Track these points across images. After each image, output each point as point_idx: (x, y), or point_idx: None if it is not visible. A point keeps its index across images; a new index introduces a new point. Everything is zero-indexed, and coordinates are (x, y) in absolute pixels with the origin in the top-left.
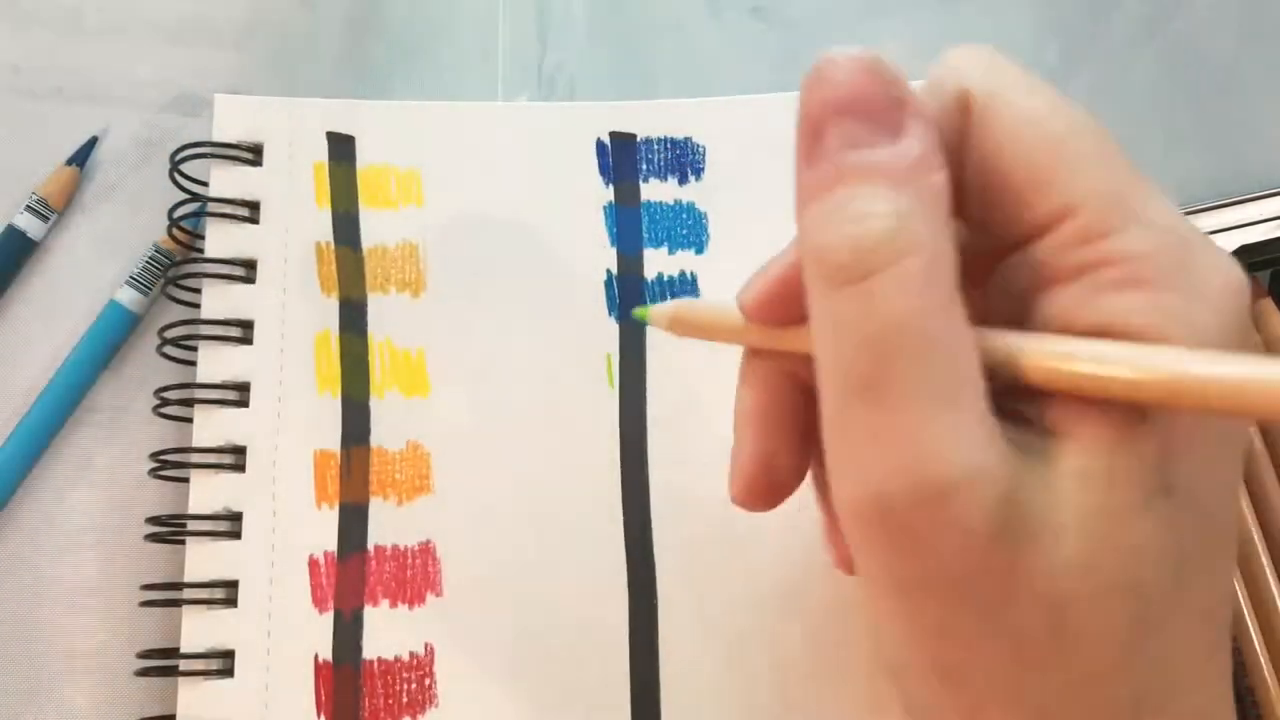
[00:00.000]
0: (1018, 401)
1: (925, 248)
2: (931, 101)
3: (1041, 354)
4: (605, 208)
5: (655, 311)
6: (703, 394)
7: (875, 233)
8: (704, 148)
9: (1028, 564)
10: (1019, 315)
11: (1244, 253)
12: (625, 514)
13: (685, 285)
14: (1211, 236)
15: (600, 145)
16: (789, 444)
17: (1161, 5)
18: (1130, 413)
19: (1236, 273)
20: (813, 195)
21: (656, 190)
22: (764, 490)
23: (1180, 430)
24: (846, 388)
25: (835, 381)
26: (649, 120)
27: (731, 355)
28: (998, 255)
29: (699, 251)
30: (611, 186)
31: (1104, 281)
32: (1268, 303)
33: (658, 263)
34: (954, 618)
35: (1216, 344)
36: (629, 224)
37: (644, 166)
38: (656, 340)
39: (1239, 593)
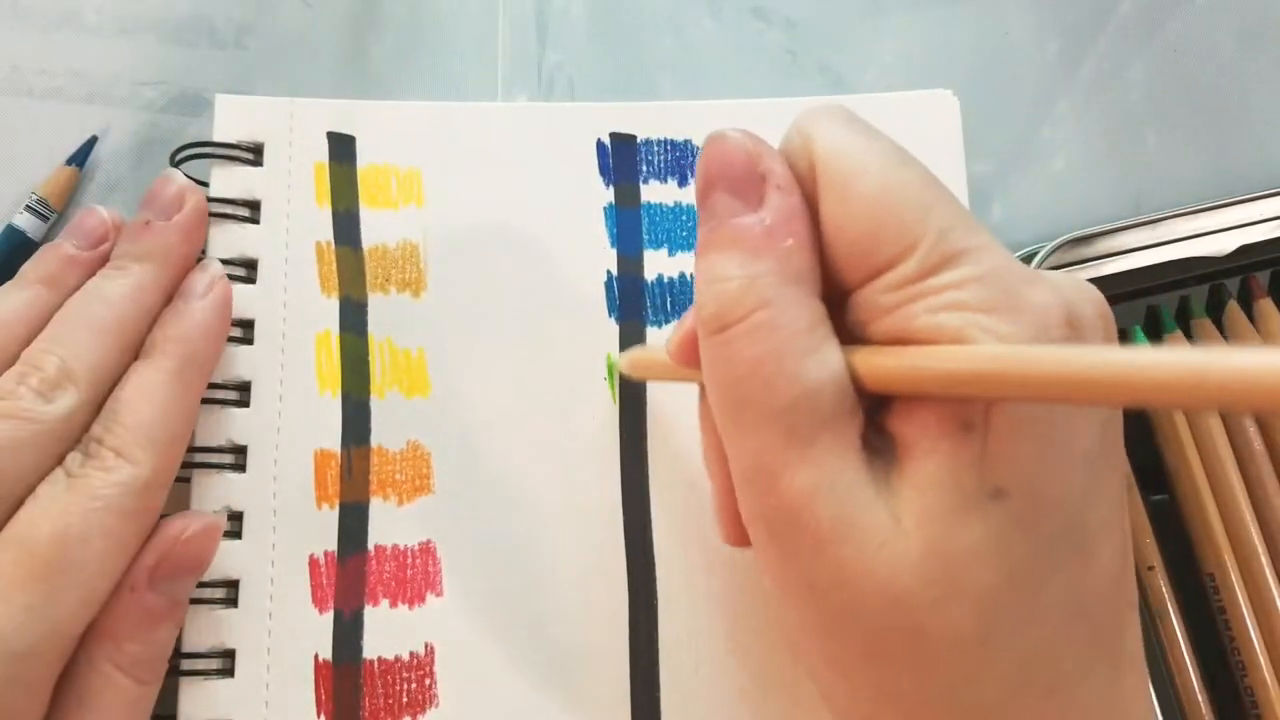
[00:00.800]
0: (885, 420)
1: (772, 303)
2: (791, 164)
3: (870, 361)
4: (605, 209)
5: (621, 360)
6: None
7: (729, 293)
8: None
9: (871, 562)
10: (868, 339)
11: (1244, 253)
12: (625, 514)
13: (685, 287)
14: (1212, 236)
15: (600, 146)
16: None
17: (1160, 5)
18: (956, 420)
19: (1054, 300)
20: (699, 252)
21: (657, 192)
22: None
23: (1004, 433)
24: (722, 416)
25: (716, 411)
26: (649, 122)
27: None
28: (847, 291)
29: None
30: (612, 188)
31: (931, 307)
32: (1267, 303)
33: (658, 264)
34: (825, 617)
35: None
36: (629, 225)
37: (644, 168)
38: (656, 341)
39: (1238, 593)
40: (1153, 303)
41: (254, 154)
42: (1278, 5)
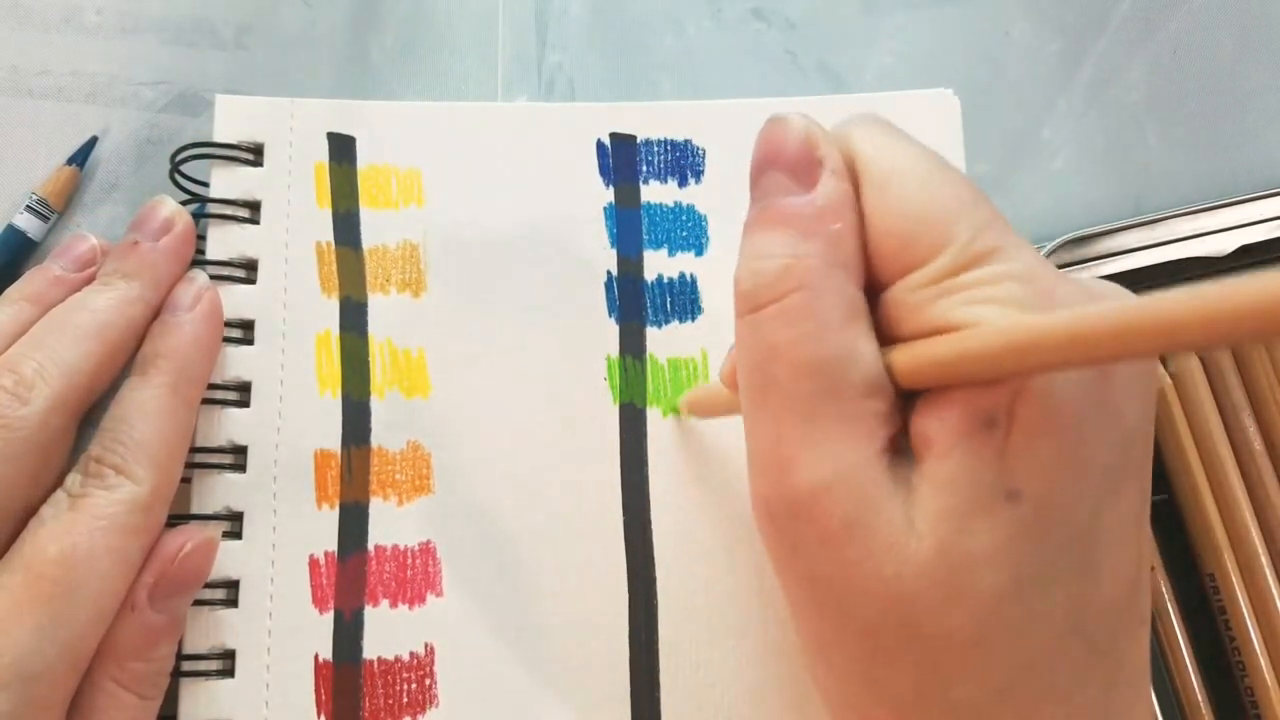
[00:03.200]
0: (910, 418)
1: (812, 286)
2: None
3: (904, 355)
4: (605, 209)
5: (681, 403)
6: None
7: (770, 271)
8: (704, 150)
9: (877, 564)
10: (902, 334)
11: (1244, 253)
12: (625, 514)
13: (685, 287)
14: (1212, 236)
15: (601, 146)
16: None
17: (1160, 5)
18: (980, 417)
19: (1084, 298)
20: (745, 230)
21: (656, 192)
22: None
23: (1026, 432)
24: (745, 398)
25: (741, 391)
26: (649, 122)
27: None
28: (882, 286)
29: (699, 254)
30: (612, 188)
31: (964, 300)
32: None
33: (658, 264)
34: (823, 610)
35: None
36: (629, 225)
37: (644, 168)
38: (656, 340)
39: (1238, 593)
40: None
41: (254, 154)
42: (1278, 5)
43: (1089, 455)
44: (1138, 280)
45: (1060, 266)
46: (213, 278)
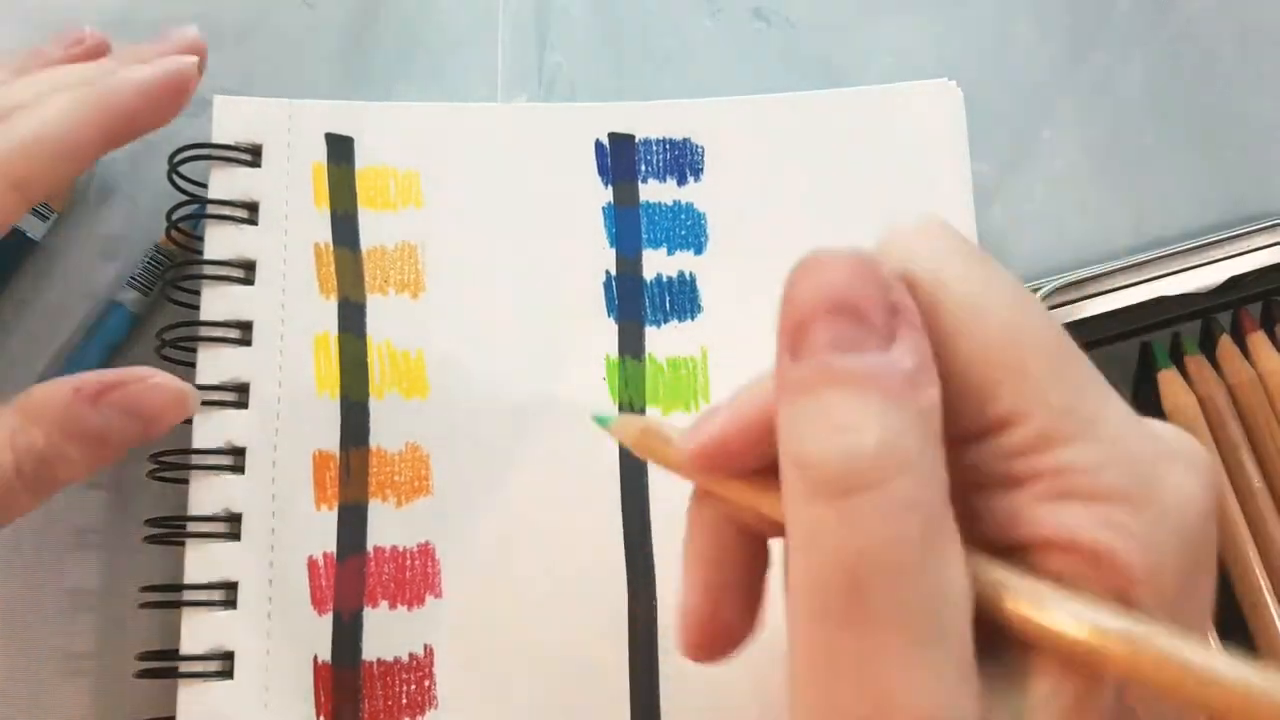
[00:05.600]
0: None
1: (915, 469)
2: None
3: (1022, 597)
4: (604, 208)
5: (623, 422)
6: None
7: (865, 448)
8: (703, 148)
9: None
10: (961, 509)
11: (1233, 285)
12: (625, 514)
13: (684, 286)
14: (1205, 268)
15: (599, 146)
16: (736, 595)
17: (1160, 5)
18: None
19: (1197, 488)
20: (798, 392)
21: (655, 191)
22: (711, 641)
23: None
24: (818, 609)
25: (807, 600)
26: (648, 120)
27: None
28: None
29: (698, 252)
30: (610, 187)
31: (1052, 491)
32: (1259, 336)
33: (656, 263)
34: None
35: (1172, 566)
36: (628, 224)
37: (643, 167)
38: (655, 340)
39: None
40: (1145, 340)
41: (252, 155)
42: (1278, 5)
43: None
44: (1130, 319)
45: (1054, 308)
46: (211, 279)
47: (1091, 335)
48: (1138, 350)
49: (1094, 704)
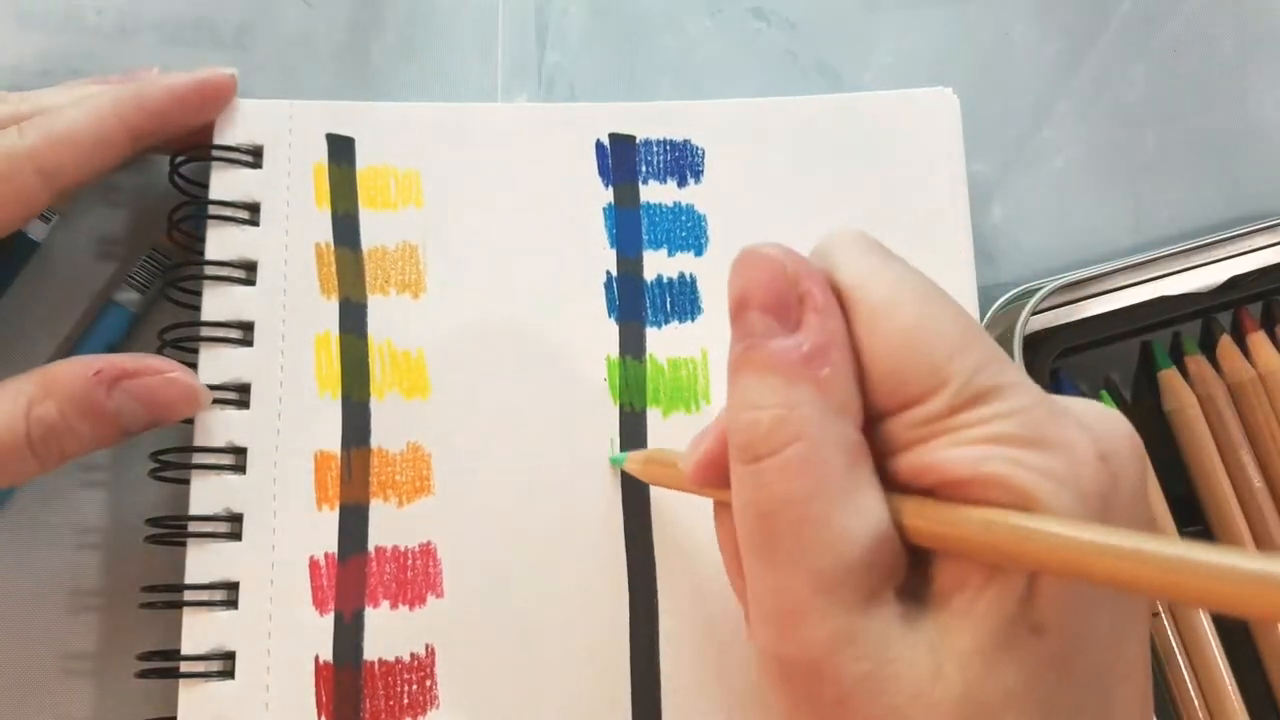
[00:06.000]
0: (917, 562)
1: (809, 437)
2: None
3: (921, 517)
4: (605, 209)
5: (631, 459)
6: None
7: (765, 423)
8: (703, 150)
9: (897, 709)
10: (894, 469)
11: (1233, 285)
12: (625, 514)
13: (685, 287)
14: (1206, 268)
15: (600, 146)
16: None
17: (1160, 5)
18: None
19: (1087, 439)
20: (731, 372)
21: (656, 192)
22: None
23: (1048, 577)
24: (748, 548)
25: (742, 540)
26: (648, 122)
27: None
28: (873, 419)
29: (698, 254)
30: (611, 188)
31: (958, 441)
32: (1259, 336)
33: (657, 264)
34: None
35: (1074, 500)
36: (628, 226)
37: (643, 168)
38: (656, 341)
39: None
40: (1146, 340)
41: (253, 156)
42: (1278, 5)
43: (1120, 600)
44: (1130, 319)
45: (1054, 308)
46: (212, 279)
47: (1091, 335)
48: (1138, 350)
49: (1003, 611)
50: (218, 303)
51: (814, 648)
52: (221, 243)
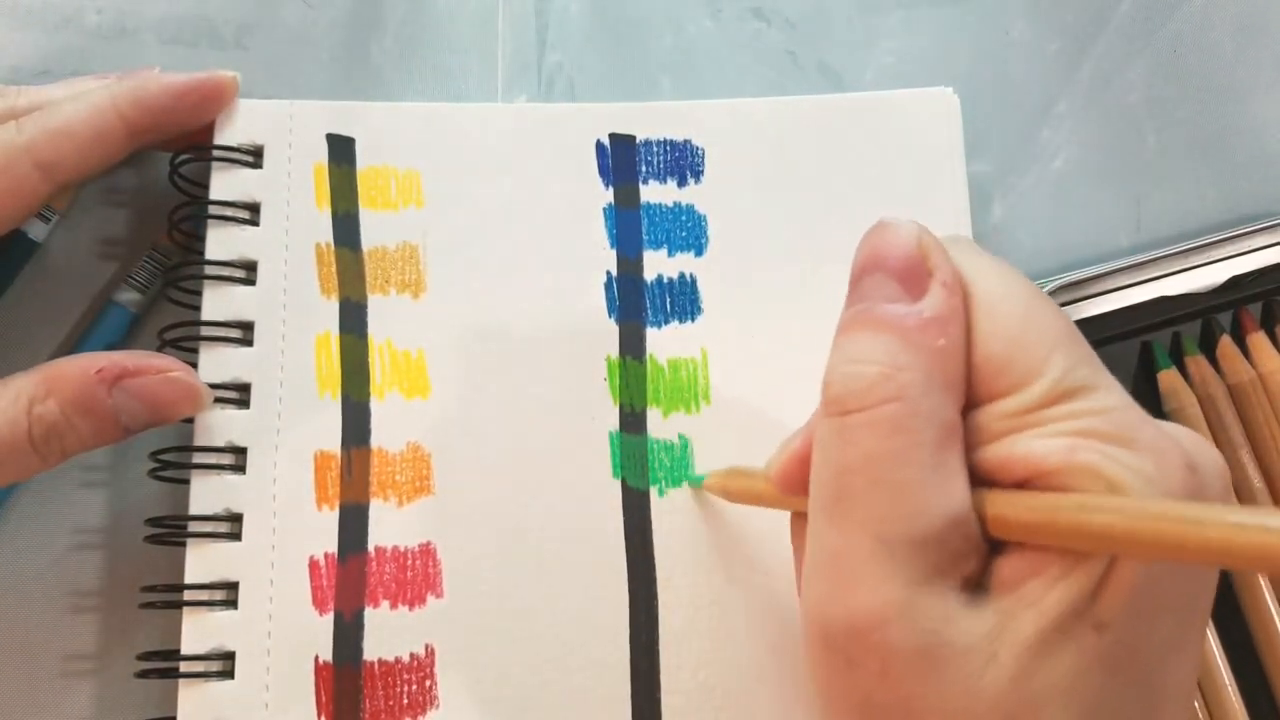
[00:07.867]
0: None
1: (909, 400)
2: None
3: (1010, 505)
4: (605, 209)
5: (712, 477)
6: None
7: (865, 375)
8: (703, 150)
9: (946, 696)
10: (981, 461)
11: (1234, 285)
12: (625, 514)
13: (685, 287)
14: (1206, 268)
15: (600, 147)
16: None
17: (1160, 5)
18: (1072, 553)
19: (1175, 445)
20: (841, 330)
21: (656, 192)
22: None
23: (1122, 572)
24: (817, 502)
25: (813, 497)
26: (649, 122)
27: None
28: (964, 409)
29: (699, 254)
30: (611, 188)
31: (1048, 432)
32: (1259, 336)
33: (657, 265)
34: None
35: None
36: (629, 226)
37: (644, 168)
38: (656, 341)
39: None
40: (1146, 340)
41: (253, 156)
42: (1277, 5)
43: (1169, 591)
44: (1130, 319)
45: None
46: (212, 279)
47: (1092, 335)
48: (1138, 350)
49: (1072, 602)
50: (218, 303)
51: (864, 615)
52: (222, 242)
